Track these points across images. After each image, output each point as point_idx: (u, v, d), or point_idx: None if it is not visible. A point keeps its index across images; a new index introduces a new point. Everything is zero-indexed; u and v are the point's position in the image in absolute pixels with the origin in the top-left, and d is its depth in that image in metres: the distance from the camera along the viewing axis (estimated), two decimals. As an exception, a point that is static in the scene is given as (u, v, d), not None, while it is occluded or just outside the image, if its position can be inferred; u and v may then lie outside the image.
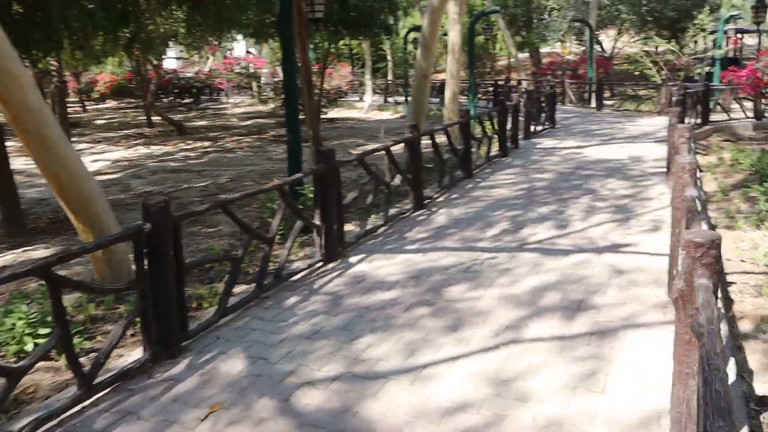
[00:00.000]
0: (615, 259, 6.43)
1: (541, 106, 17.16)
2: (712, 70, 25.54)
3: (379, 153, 8.43)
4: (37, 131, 5.56)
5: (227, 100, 40.54)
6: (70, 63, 21.70)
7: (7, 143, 9.75)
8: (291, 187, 8.22)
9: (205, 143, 20.93)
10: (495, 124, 12.91)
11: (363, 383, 4.22)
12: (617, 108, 22.85)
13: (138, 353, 4.75)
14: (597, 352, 4.49)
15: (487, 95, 27.79)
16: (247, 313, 5.55)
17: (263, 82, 38.69)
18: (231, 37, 26.26)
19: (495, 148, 12.87)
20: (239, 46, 45.79)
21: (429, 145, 10.15)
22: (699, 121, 16.97)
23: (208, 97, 44.08)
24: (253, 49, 44.59)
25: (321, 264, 6.67)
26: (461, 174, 10.70)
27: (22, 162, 14.95)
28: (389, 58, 35.70)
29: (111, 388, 4.29)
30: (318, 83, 21.20)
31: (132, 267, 5.52)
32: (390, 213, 8.32)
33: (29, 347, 4.91)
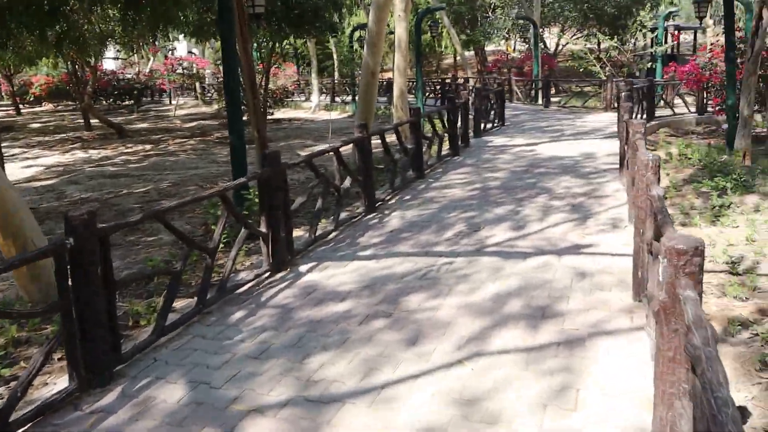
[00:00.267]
0: (576, 261, 6.19)
1: (491, 103, 17.01)
2: (654, 66, 25.92)
3: (328, 154, 8.04)
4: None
5: (170, 102, 39.43)
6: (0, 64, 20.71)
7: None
8: (235, 192, 7.79)
9: (147, 146, 20.19)
10: (445, 122, 12.65)
11: (317, 408, 3.85)
12: (564, 105, 22.93)
13: (65, 381, 4.27)
14: (566, 364, 4.21)
15: (434, 93, 27.61)
16: (188, 330, 5.11)
17: (206, 83, 37.83)
18: (170, 36, 25.46)
19: (446, 147, 12.62)
20: (181, 46, 44.71)
21: (379, 144, 9.83)
22: (644, 116, 17.05)
23: (149, 98, 42.93)
24: (196, 50, 43.60)
25: (268, 274, 6.25)
26: (413, 174, 10.39)
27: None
28: (335, 57, 35.23)
29: (31, 424, 3.82)
30: (263, 83, 20.65)
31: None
32: (341, 217, 7.96)
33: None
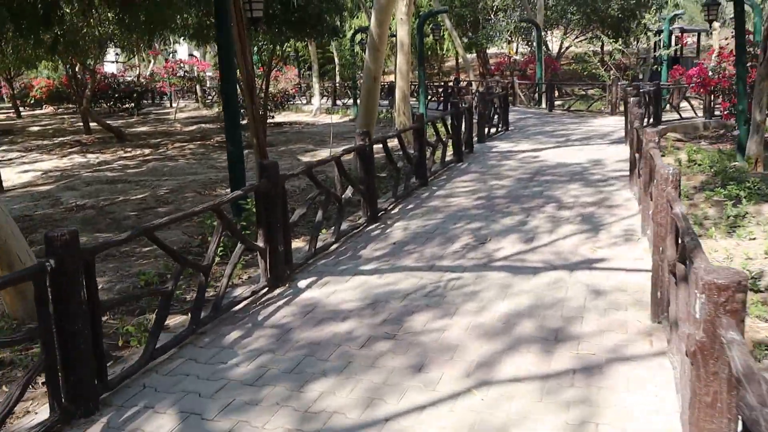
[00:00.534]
0: (589, 278, 5.90)
1: (495, 108, 16.71)
2: (659, 69, 25.63)
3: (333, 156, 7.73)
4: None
5: (171, 105, 39.16)
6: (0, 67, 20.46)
7: None
8: (233, 202, 7.48)
9: (146, 151, 19.91)
10: (449, 128, 12.36)
11: (316, 445, 3.56)
12: (568, 108, 22.62)
13: (47, 410, 3.98)
14: (584, 395, 3.92)
15: (437, 97, 27.32)
16: (180, 352, 4.82)
17: (207, 86, 37.55)
18: (169, 39, 25.21)
19: (449, 153, 12.32)
20: (182, 49, 44.46)
21: (380, 150, 9.54)
22: (651, 120, 16.76)
23: (150, 101, 42.70)
24: (197, 52, 43.34)
25: (266, 290, 5.96)
26: (416, 182, 10.10)
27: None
28: (336, 61, 34.98)
29: (7, 464, 3.53)
30: (263, 87, 20.37)
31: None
32: (342, 228, 7.66)
33: None
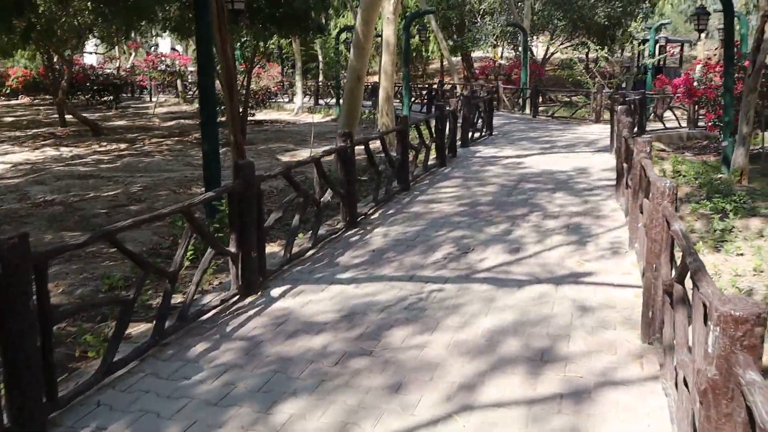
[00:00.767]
0: (576, 293, 5.65)
1: (479, 111, 16.48)
2: (644, 78, 25.62)
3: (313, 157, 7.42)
4: None
5: (150, 99, 38.55)
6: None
7: None
8: (207, 203, 7.15)
9: (122, 145, 19.42)
10: (433, 131, 12.09)
11: (282, 476, 3.26)
12: (552, 115, 22.47)
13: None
14: (572, 423, 3.66)
15: (420, 99, 27.07)
16: (141, 366, 4.49)
17: (188, 81, 37.02)
18: (150, 32, 24.78)
19: (432, 157, 12.05)
20: (165, 43, 43.85)
21: (362, 151, 9.24)
22: (636, 129, 16.63)
23: (129, 95, 42.05)
24: (180, 46, 42.75)
25: (237, 298, 5.65)
26: (398, 186, 9.82)
27: None
28: (320, 59, 34.61)
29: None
30: (244, 83, 20.00)
31: None
32: (320, 233, 7.36)
33: None
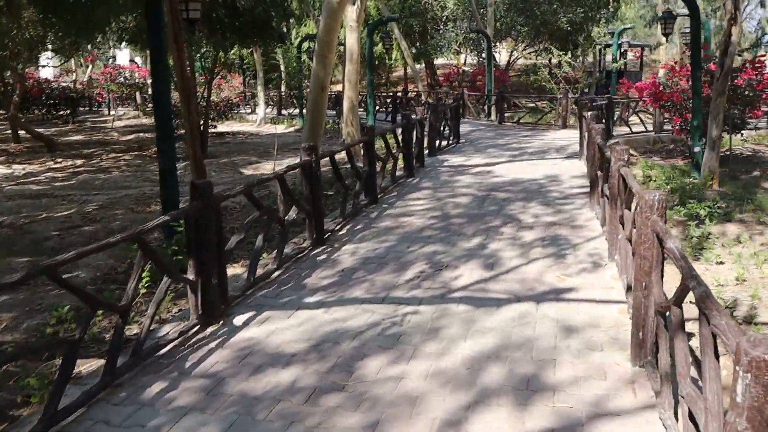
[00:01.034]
0: (558, 311, 5.35)
1: (445, 119, 16.23)
2: (607, 83, 25.71)
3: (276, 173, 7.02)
4: None
5: (109, 113, 37.60)
6: None
7: None
8: (166, 226, 6.71)
9: (78, 161, 18.77)
10: (400, 141, 11.77)
11: None
12: (519, 121, 22.37)
13: None
14: (568, 464, 3.34)
15: (385, 107, 26.80)
16: (90, 412, 4.05)
17: (148, 93, 36.22)
18: (108, 43, 24.13)
19: (399, 167, 11.73)
20: (123, 55, 42.92)
21: (327, 162, 8.88)
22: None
23: (87, 109, 41.04)
24: (139, 58, 41.89)
25: (197, 329, 5.23)
26: (365, 199, 9.47)
27: None
28: (283, 69, 34.15)
29: None
30: (204, 95, 19.51)
31: None
32: (285, 252, 6.97)
33: None
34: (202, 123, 19.15)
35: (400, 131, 11.94)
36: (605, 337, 4.84)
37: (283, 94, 31.94)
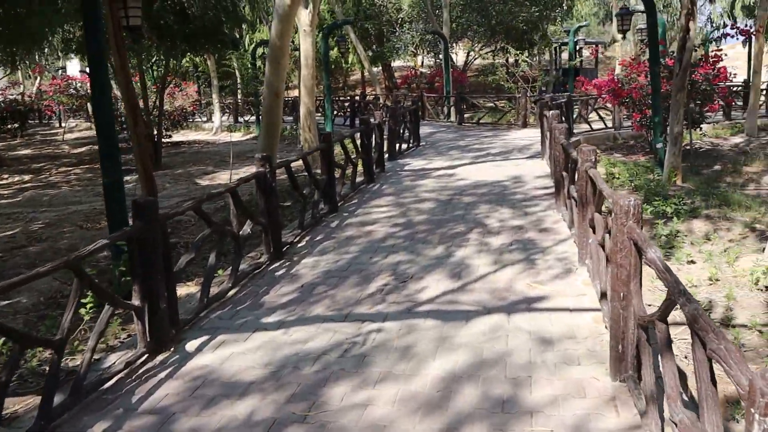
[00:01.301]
0: (531, 322, 5.08)
1: (405, 122, 15.95)
2: (565, 81, 25.77)
3: (228, 187, 6.63)
4: None
5: (60, 125, 36.51)
6: None
7: None
8: (113, 245, 6.26)
9: (25, 177, 18.07)
10: (358, 145, 11.44)
11: None
12: (479, 121, 22.22)
13: None
14: (553, 499, 3.05)
15: (343, 112, 26.47)
16: (24, 460, 3.65)
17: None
18: (53, 54, 23.36)
19: (359, 172, 11.40)
20: (73, 65, 41.73)
21: (285, 171, 8.51)
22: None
23: (37, 121, 39.88)
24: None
25: (146, 357, 4.84)
26: (325, 208, 9.12)
27: None
28: (238, 76, 33.55)
29: None
30: (155, 104, 18.94)
31: None
32: (241, 268, 6.60)
33: None
34: (155, 133, 18.61)
35: (358, 136, 11.61)
36: (582, 349, 4.58)
37: (239, 101, 31.36)
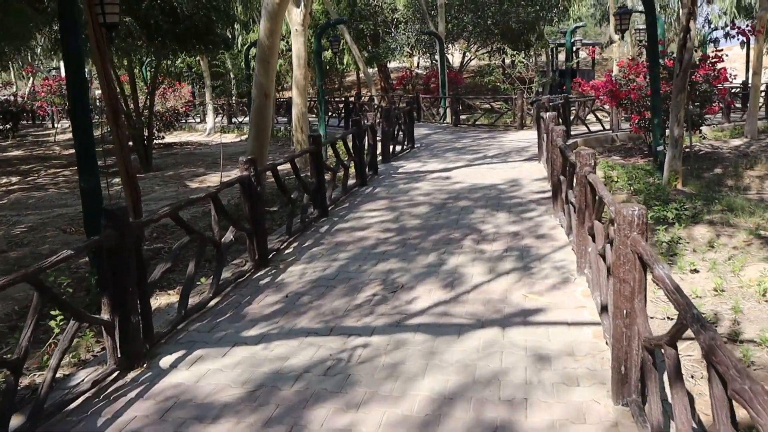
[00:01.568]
0: (527, 337, 4.78)
1: (399, 124, 15.65)
2: (562, 82, 25.50)
3: (208, 192, 6.31)
4: None
5: (53, 126, 36.15)
6: None
7: None
8: (90, 251, 5.94)
9: (13, 179, 17.75)
10: (351, 148, 11.14)
11: None
12: (475, 123, 21.94)
13: None
14: None
15: (338, 113, 26.17)
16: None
17: (91, 105, 34.93)
18: (43, 55, 23.04)
19: (351, 174, 11.08)
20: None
21: (274, 175, 8.23)
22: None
23: (30, 122, 39.60)
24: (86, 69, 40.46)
25: (116, 374, 4.53)
26: (315, 212, 8.82)
27: None
28: (232, 76, 33.23)
29: None
30: (146, 104, 18.61)
31: None
32: (224, 276, 6.29)
33: None
34: (146, 134, 18.31)
35: (350, 138, 11.32)
36: (581, 368, 4.28)
37: (232, 101, 31.05)
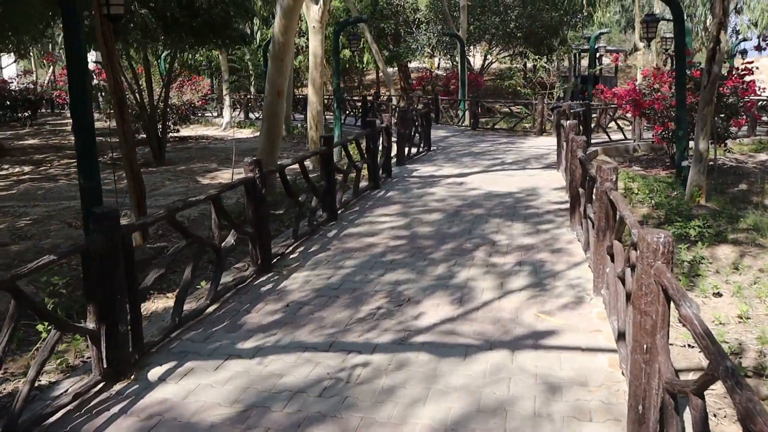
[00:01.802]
0: (538, 363, 4.48)
1: (416, 126, 15.36)
2: (584, 88, 25.09)
3: (209, 195, 6.05)
4: None
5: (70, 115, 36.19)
6: None
7: None
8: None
9: (26, 168, 17.63)
10: (364, 149, 10.87)
11: None
12: (494, 127, 21.59)
13: None
14: None
15: (355, 111, 25.91)
16: None
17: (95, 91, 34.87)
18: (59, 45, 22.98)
19: (364, 177, 10.81)
20: (88, 55, 41.48)
21: (289, 172, 7.98)
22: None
23: (49, 111, 39.71)
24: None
25: (101, 386, 4.28)
26: (323, 216, 8.57)
27: None
28: (250, 71, 33.07)
29: None
30: (161, 98, 18.45)
31: None
32: (224, 281, 6.05)
33: None
34: (160, 127, 18.16)
35: (363, 139, 11.04)
36: (595, 400, 3.98)
37: (250, 96, 30.89)
